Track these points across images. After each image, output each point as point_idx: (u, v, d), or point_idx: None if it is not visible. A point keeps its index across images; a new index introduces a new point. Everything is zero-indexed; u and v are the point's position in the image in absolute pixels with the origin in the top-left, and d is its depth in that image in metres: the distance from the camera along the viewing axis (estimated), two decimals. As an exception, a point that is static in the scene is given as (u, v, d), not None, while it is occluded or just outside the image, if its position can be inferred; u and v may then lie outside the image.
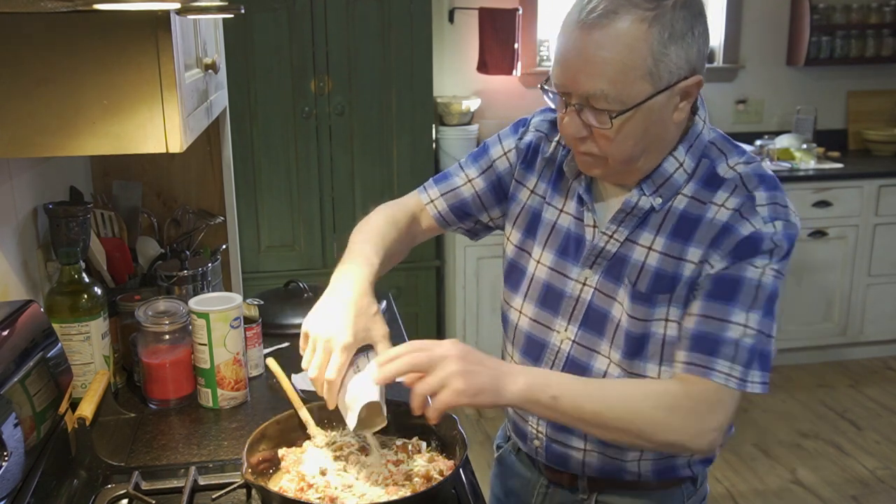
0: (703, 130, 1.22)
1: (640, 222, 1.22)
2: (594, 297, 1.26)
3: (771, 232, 1.14)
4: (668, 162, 1.19)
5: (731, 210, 1.16)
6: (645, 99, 1.10)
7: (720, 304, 1.14)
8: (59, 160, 1.82)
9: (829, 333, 4.16)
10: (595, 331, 1.26)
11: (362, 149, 3.74)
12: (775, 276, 1.15)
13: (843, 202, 4.00)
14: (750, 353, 1.14)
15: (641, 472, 1.31)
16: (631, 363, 1.22)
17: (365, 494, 1.18)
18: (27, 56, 1.20)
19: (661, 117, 1.14)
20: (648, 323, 1.20)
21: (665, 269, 1.19)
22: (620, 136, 1.13)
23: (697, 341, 1.15)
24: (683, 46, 1.09)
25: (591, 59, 1.08)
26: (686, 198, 1.20)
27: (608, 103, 1.10)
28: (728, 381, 1.13)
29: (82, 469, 1.32)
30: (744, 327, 1.14)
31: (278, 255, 3.78)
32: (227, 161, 2.19)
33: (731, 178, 1.18)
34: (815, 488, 3.14)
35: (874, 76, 4.57)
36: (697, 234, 1.17)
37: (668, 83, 1.10)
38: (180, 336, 1.57)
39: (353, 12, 3.58)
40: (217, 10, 1.36)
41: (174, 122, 1.25)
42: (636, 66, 1.08)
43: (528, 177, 1.36)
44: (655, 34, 1.07)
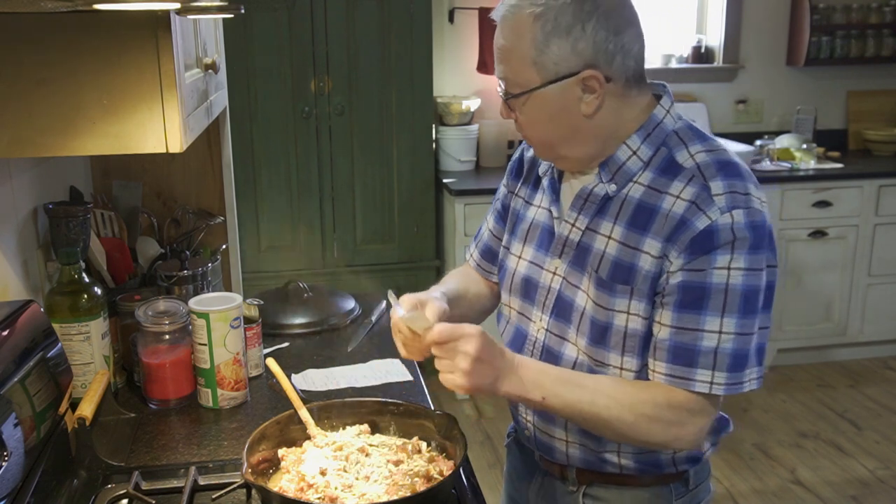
0: (664, 119, 1.24)
1: (598, 210, 1.25)
2: (562, 286, 1.30)
3: (728, 223, 1.13)
4: (622, 150, 1.23)
5: (687, 201, 1.16)
6: (535, 87, 1.19)
7: (691, 315, 1.15)
8: (59, 160, 1.82)
9: (829, 333, 4.16)
10: (563, 319, 1.29)
11: (362, 149, 3.74)
12: (745, 274, 1.14)
13: (843, 202, 4.00)
14: (732, 358, 1.15)
15: (622, 464, 1.32)
16: (595, 350, 1.25)
17: (365, 494, 1.18)
18: (27, 56, 1.20)
19: (566, 107, 1.20)
20: (611, 312, 1.22)
21: (623, 258, 1.21)
22: (525, 119, 1.23)
23: (674, 354, 1.17)
24: (569, 40, 1.16)
25: (499, 47, 1.22)
26: (642, 186, 1.22)
27: (511, 87, 1.22)
28: (712, 389, 1.15)
29: (82, 469, 1.32)
30: (719, 334, 1.15)
31: (278, 255, 3.77)
32: (227, 161, 2.19)
33: (689, 167, 1.19)
34: (815, 488, 3.14)
35: (874, 76, 4.57)
36: (654, 224, 1.18)
37: (557, 74, 1.17)
38: (180, 336, 1.57)
39: (353, 12, 3.59)
40: (217, 10, 1.36)
41: (174, 122, 1.25)
42: (524, 55, 1.18)
43: (515, 183, 1.45)
44: (539, 27, 1.16)
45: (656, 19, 4.48)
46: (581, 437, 1.32)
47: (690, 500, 1.37)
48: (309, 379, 1.70)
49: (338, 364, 1.77)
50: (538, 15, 1.16)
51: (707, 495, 1.41)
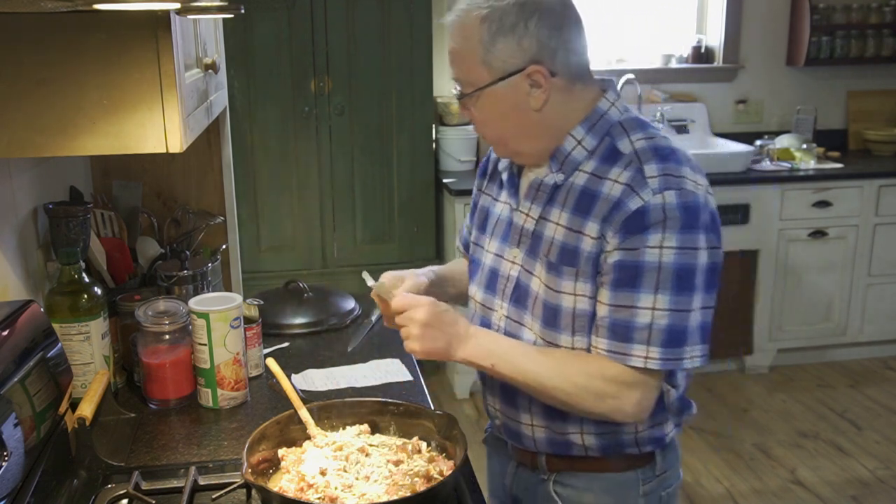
0: (608, 111, 1.30)
1: (549, 199, 1.32)
2: (520, 273, 1.35)
3: (660, 203, 1.19)
4: (567, 141, 1.29)
5: (623, 184, 1.22)
6: (486, 84, 1.26)
7: (626, 293, 1.21)
8: (59, 160, 1.82)
9: (829, 333, 4.16)
10: (520, 305, 1.35)
11: (362, 149, 3.74)
12: (677, 252, 1.19)
13: (843, 202, 4.00)
14: (667, 334, 1.20)
15: (587, 445, 1.35)
16: (548, 333, 1.30)
17: (365, 494, 1.18)
18: (27, 56, 1.20)
19: (515, 103, 1.26)
20: (559, 294, 1.28)
21: (568, 242, 1.27)
22: (480, 116, 1.30)
23: (612, 331, 1.23)
24: (514, 38, 1.22)
25: (450, 51, 1.30)
26: (586, 174, 1.28)
27: (464, 87, 1.29)
28: (647, 363, 1.21)
29: (82, 469, 1.32)
30: (652, 310, 1.20)
31: (278, 255, 3.77)
32: (227, 161, 2.19)
33: (627, 154, 1.26)
34: (815, 488, 3.14)
35: (874, 76, 4.57)
36: (595, 208, 1.25)
37: (504, 72, 1.24)
38: (180, 336, 1.57)
39: (353, 12, 3.58)
40: (217, 10, 1.36)
41: (174, 122, 1.25)
42: (472, 55, 1.25)
43: (482, 181, 1.52)
44: (485, 27, 1.23)
45: (656, 19, 4.49)
46: (544, 420, 1.36)
47: (658, 486, 1.39)
48: (309, 379, 1.70)
49: (338, 364, 1.77)
50: (484, 17, 1.23)
51: (676, 481, 1.43)
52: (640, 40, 4.47)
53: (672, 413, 1.37)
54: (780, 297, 4.06)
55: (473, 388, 3.90)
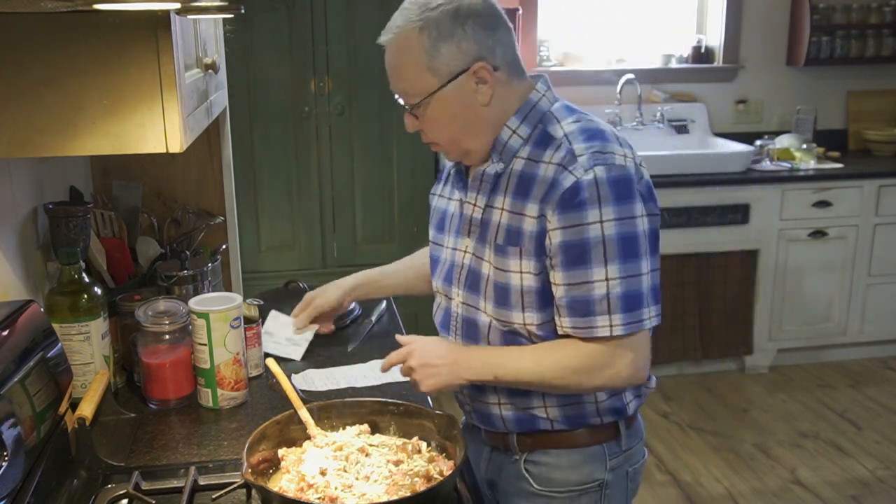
0: (539, 102, 1.38)
1: (492, 188, 1.39)
2: (472, 261, 1.42)
3: (591, 178, 1.26)
4: (504, 131, 1.37)
5: (556, 164, 1.30)
6: (436, 89, 1.32)
7: (577, 270, 1.28)
8: (59, 160, 1.82)
9: (829, 333, 4.16)
10: (474, 290, 1.42)
11: (362, 149, 3.74)
12: (616, 223, 1.27)
13: (843, 202, 4.00)
14: (624, 300, 1.28)
15: (551, 418, 1.40)
16: (500, 312, 1.37)
17: (365, 494, 1.18)
18: (27, 56, 1.20)
19: (464, 102, 1.34)
20: (507, 273, 1.35)
21: (512, 224, 1.34)
22: (433, 122, 1.36)
23: (572, 308, 1.30)
24: (454, 42, 1.30)
25: (391, 66, 1.36)
26: (523, 160, 1.36)
27: (412, 98, 1.35)
28: (613, 331, 1.29)
29: (82, 469, 1.32)
30: (606, 282, 1.28)
31: (278, 255, 3.77)
32: (227, 161, 2.19)
33: (559, 137, 1.33)
34: (815, 488, 3.14)
35: (874, 76, 4.57)
36: (533, 190, 1.32)
37: (451, 74, 1.31)
38: (180, 336, 1.57)
39: (353, 12, 3.58)
40: (217, 10, 1.36)
41: (174, 122, 1.25)
42: (417, 64, 1.32)
43: (438, 186, 1.60)
44: (425, 36, 1.30)
45: (656, 19, 4.49)
46: (509, 397, 1.42)
47: (625, 461, 1.45)
48: (309, 379, 1.70)
49: (338, 364, 1.77)
50: (421, 27, 1.30)
51: (641, 459, 1.49)
52: (640, 40, 4.46)
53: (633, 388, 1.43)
54: (780, 297, 4.05)
55: (473, 388, 3.90)
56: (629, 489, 1.48)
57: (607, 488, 1.44)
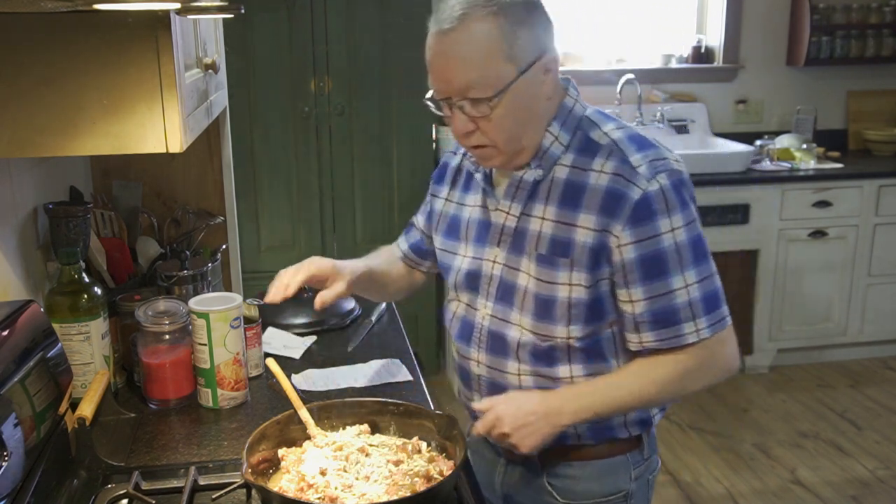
0: (574, 107, 1.34)
1: (529, 195, 1.34)
2: (503, 272, 1.37)
3: (657, 189, 1.25)
4: (545, 138, 1.32)
5: (611, 174, 1.27)
6: (513, 79, 1.24)
7: (657, 282, 1.26)
8: (59, 160, 1.82)
9: (829, 333, 4.16)
10: (506, 302, 1.37)
11: (362, 149, 3.74)
12: (686, 229, 1.26)
13: (843, 202, 4.00)
14: (704, 302, 1.28)
15: (580, 433, 1.38)
16: (541, 325, 1.33)
17: (365, 494, 1.18)
18: (27, 56, 1.20)
19: (531, 94, 1.27)
20: (553, 286, 1.30)
21: (559, 235, 1.30)
22: (500, 118, 1.26)
23: (656, 321, 1.28)
24: (529, 29, 1.24)
25: (456, 56, 1.23)
26: (566, 167, 1.31)
27: (482, 91, 1.23)
28: (700, 335, 1.28)
29: (82, 469, 1.32)
30: (686, 288, 1.27)
31: (278, 255, 3.77)
32: (227, 161, 2.19)
33: (605, 144, 1.30)
34: (815, 488, 3.14)
35: (874, 76, 4.56)
36: (585, 200, 1.28)
37: (528, 63, 1.24)
38: (180, 336, 1.57)
39: (353, 12, 3.58)
40: (217, 10, 1.36)
41: (174, 122, 1.25)
42: (495, 53, 1.22)
43: (441, 188, 1.54)
44: (503, 22, 1.22)
45: (656, 19, 4.49)
46: None
47: (646, 470, 1.45)
48: (309, 379, 1.70)
49: (338, 364, 1.77)
50: (497, 12, 1.22)
51: (657, 466, 1.49)
52: (640, 40, 4.46)
53: None
54: (780, 297, 4.05)
55: (473, 388, 3.90)
56: (650, 497, 1.47)
57: (631, 498, 1.42)
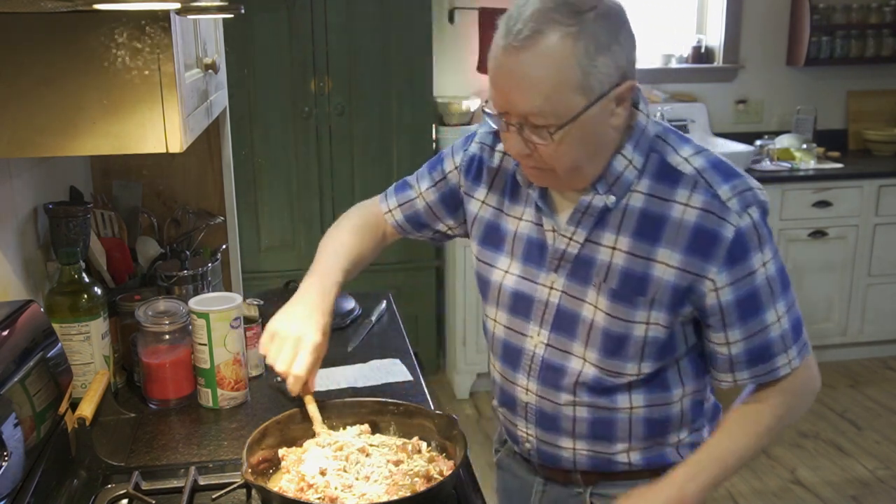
0: (647, 125, 1.23)
1: (597, 222, 1.24)
2: (562, 300, 1.28)
3: (748, 224, 1.17)
4: (617, 160, 1.21)
5: (699, 209, 1.17)
6: (580, 112, 1.12)
7: (753, 320, 1.21)
8: (59, 160, 1.82)
9: (829, 333, 4.16)
10: (566, 333, 1.28)
11: (362, 149, 3.74)
12: (773, 260, 1.21)
13: (843, 202, 4.00)
14: (793, 330, 1.24)
15: (632, 461, 1.33)
16: (610, 362, 1.25)
17: (365, 494, 1.18)
18: (27, 56, 1.20)
19: (599, 125, 1.15)
20: (629, 324, 1.22)
21: (633, 268, 1.21)
22: (562, 148, 1.15)
23: (753, 359, 1.23)
24: (610, 56, 1.11)
25: (524, 79, 1.11)
26: (642, 195, 1.21)
27: (545, 119, 1.12)
28: (791, 366, 1.24)
29: (82, 469, 1.32)
30: (778, 319, 1.22)
31: (278, 255, 3.77)
32: (227, 161, 2.19)
33: (688, 174, 1.19)
34: (815, 488, 3.14)
35: (874, 76, 4.57)
36: (665, 233, 1.19)
37: (601, 93, 1.12)
38: (180, 336, 1.57)
39: (353, 12, 3.58)
40: (217, 10, 1.36)
41: (174, 122, 1.25)
42: (567, 81, 1.10)
43: (477, 189, 1.39)
44: (581, 48, 1.09)
45: (656, 19, 4.48)
46: (590, 444, 1.32)
47: None
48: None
49: (338, 364, 1.77)
50: (577, 34, 1.09)
51: None
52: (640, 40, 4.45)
53: (707, 419, 1.37)
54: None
55: (473, 388, 3.90)
56: None
57: None
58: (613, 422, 1.30)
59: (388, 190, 1.55)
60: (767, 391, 1.26)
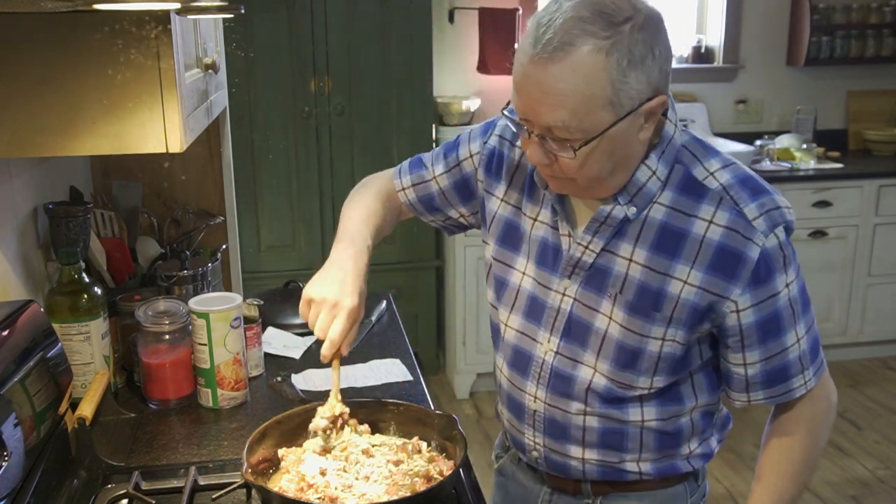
0: (674, 135, 1.19)
1: (615, 232, 1.20)
2: (574, 307, 1.25)
3: (775, 244, 1.14)
4: (641, 171, 1.17)
5: (725, 228, 1.14)
6: (607, 127, 1.08)
7: (774, 342, 1.19)
8: (59, 160, 1.82)
9: (829, 333, 4.16)
10: (578, 341, 1.25)
11: (362, 149, 3.74)
12: (797, 280, 1.18)
13: (843, 202, 4.00)
14: (811, 352, 1.23)
15: (642, 471, 1.31)
16: (621, 374, 1.23)
17: (365, 494, 1.18)
18: (27, 56, 1.20)
19: (626, 140, 1.11)
20: (645, 338, 1.20)
21: (650, 283, 1.18)
22: (587, 163, 1.11)
23: (770, 381, 1.22)
24: (644, 70, 1.06)
25: (550, 91, 1.06)
26: (664, 207, 1.18)
27: (570, 133, 1.08)
28: (807, 386, 1.23)
29: (82, 469, 1.32)
30: (797, 341, 1.20)
31: (278, 255, 3.77)
32: (227, 161, 2.19)
33: (714, 189, 1.16)
34: (815, 488, 3.14)
35: (874, 76, 4.57)
36: (685, 250, 1.16)
37: (630, 109, 1.08)
38: (180, 336, 1.57)
39: (353, 12, 3.58)
40: (217, 10, 1.36)
41: (174, 122, 1.25)
42: (596, 97, 1.05)
43: (496, 185, 1.35)
44: (613, 63, 1.04)
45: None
46: (600, 454, 1.30)
47: (700, 496, 1.39)
48: (309, 379, 1.70)
49: (338, 364, 1.77)
50: (609, 49, 1.03)
51: (707, 491, 1.42)
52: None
53: (716, 429, 1.36)
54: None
55: (473, 388, 3.89)
56: None
57: None
58: (624, 433, 1.28)
59: (402, 166, 1.48)
60: (789, 423, 1.26)
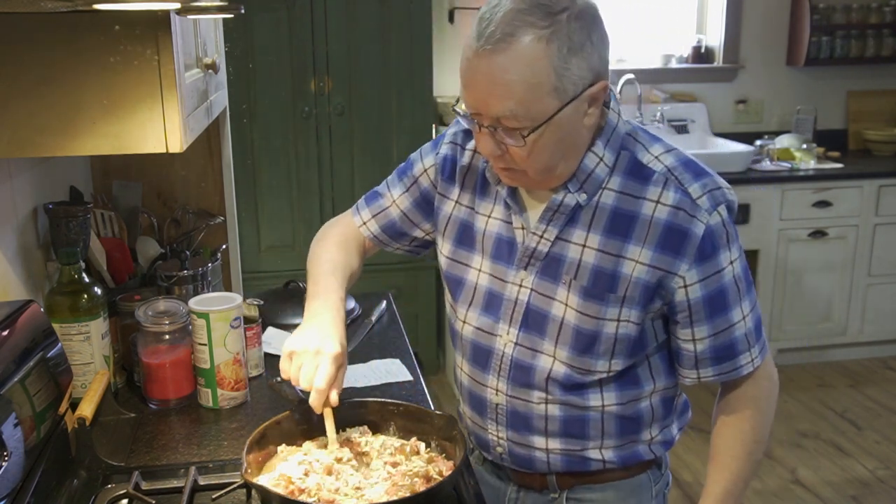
0: (618, 124, 1.24)
1: (568, 220, 1.23)
2: (532, 297, 1.27)
3: (718, 222, 1.19)
4: (588, 158, 1.21)
5: (671, 207, 1.18)
6: (554, 113, 1.12)
7: (721, 318, 1.23)
8: (59, 160, 1.82)
9: (829, 333, 4.16)
10: (536, 331, 1.28)
11: (362, 149, 3.74)
12: (740, 258, 1.24)
13: (843, 202, 4.00)
14: (756, 329, 1.27)
15: (606, 458, 1.33)
16: (580, 359, 1.25)
17: (364, 495, 1.18)
18: (27, 56, 1.20)
19: (572, 126, 1.15)
20: (601, 321, 1.23)
21: (604, 266, 1.21)
22: (535, 150, 1.15)
23: (717, 357, 1.26)
24: (584, 56, 1.11)
25: (496, 82, 1.09)
26: (614, 192, 1.22)
27: (519, 122, 1.11)
28: (754, 364, 1.27)
29: (82, 469, 1.32)
30: (743, 318, 1.25)
31: (278, 255, 3.77)
32: (227, 161, 2.19)
33: (659, 172, 1.20)
34: (815, 488, 3.14)
35: (874, 76, 4.57)
36: (636, 231, 1.20)
37: (574, 94, 1.12)
38: (180, 336, 1.57)
39: (353, 12, 3.59)
40: (217, 10, 1.36)
41: (174, 122, 1.25)
42: (541, 84, 1.09)
43: (451, 189, 1.38)
44: (554, 50, 1.08)
45: (656, 19, 4.49)
46: (563, 443, 1.32)
47: (664, 484, 1.42)
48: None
49: (338, 364, 1.77)
50: (549, 38, 1.08)
51: (670, 479, 1.46)
52: (640, 40, 4.47)
53: (676, 415, 1.39)
54: (780, 297, 4.05)
55: (473, 388, 3.89)
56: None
57: None
58: (586, 420, 1.30)
59: (359, 203, 1.52)
60: (738, 402, 1.30)
